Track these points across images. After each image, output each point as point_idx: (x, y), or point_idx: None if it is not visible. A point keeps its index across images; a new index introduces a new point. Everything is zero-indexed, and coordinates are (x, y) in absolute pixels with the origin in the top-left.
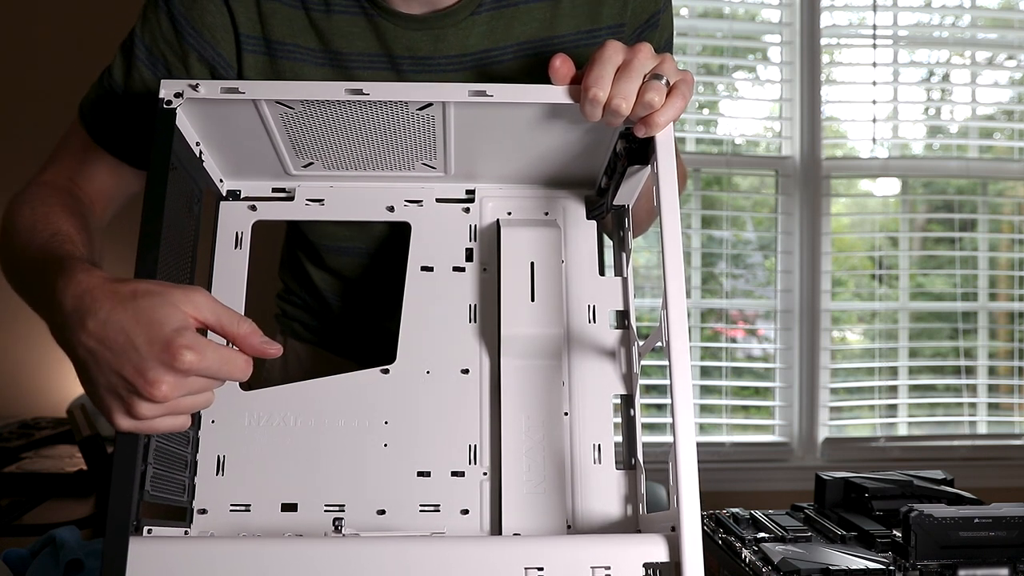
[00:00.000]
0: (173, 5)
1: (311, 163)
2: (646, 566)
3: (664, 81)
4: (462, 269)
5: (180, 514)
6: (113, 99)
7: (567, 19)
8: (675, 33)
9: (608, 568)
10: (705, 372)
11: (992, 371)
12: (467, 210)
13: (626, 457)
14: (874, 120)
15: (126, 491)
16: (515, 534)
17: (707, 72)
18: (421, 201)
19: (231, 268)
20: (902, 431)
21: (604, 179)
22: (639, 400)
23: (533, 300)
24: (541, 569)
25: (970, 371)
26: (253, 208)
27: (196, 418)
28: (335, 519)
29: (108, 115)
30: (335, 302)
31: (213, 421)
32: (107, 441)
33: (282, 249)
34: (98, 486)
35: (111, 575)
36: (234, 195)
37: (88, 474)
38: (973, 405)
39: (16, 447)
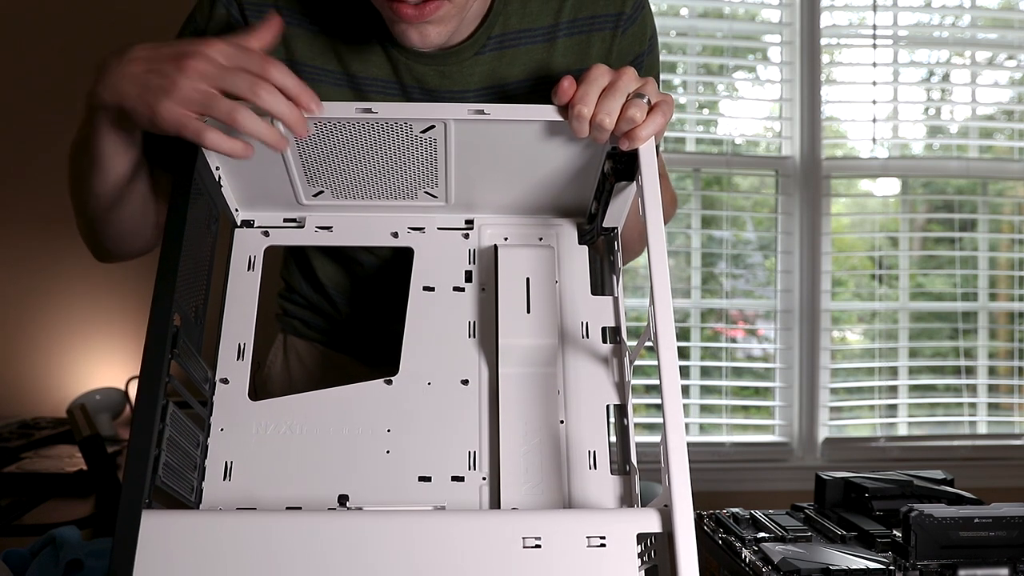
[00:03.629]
0: (208, 31)
1: (321, 192)
2: (640, 536)
3: (646, 100)
4: (462, 289)
5: None
6: None
7: (560, 59)
8: (675, 33)
9: (603, 539)
10: (705, 372)
11: (992, 371)
12: (466, 236)
13: (621, 463)
14: (874, 120)
15: (141, 467)
16: (513, 508)
17: (707, 72)
18: (423, 228)
19: (244, 288)
20: (902, 431)
21: (594, 204)
22: (631, 406)
23: (529, 312)
24: (539, 539)
25: (970, 371)
26: (266, 234)
27: (206, 425)
28: (340, 495)
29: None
30: (340, 300)
31: (222, 429)
32: (107, 441)
33: (284, 250)
34: (98, 486)
35: (123, 546)
36: (248, 224)
37: (88, 474)
38: (973, 405)
39: (16, 447)
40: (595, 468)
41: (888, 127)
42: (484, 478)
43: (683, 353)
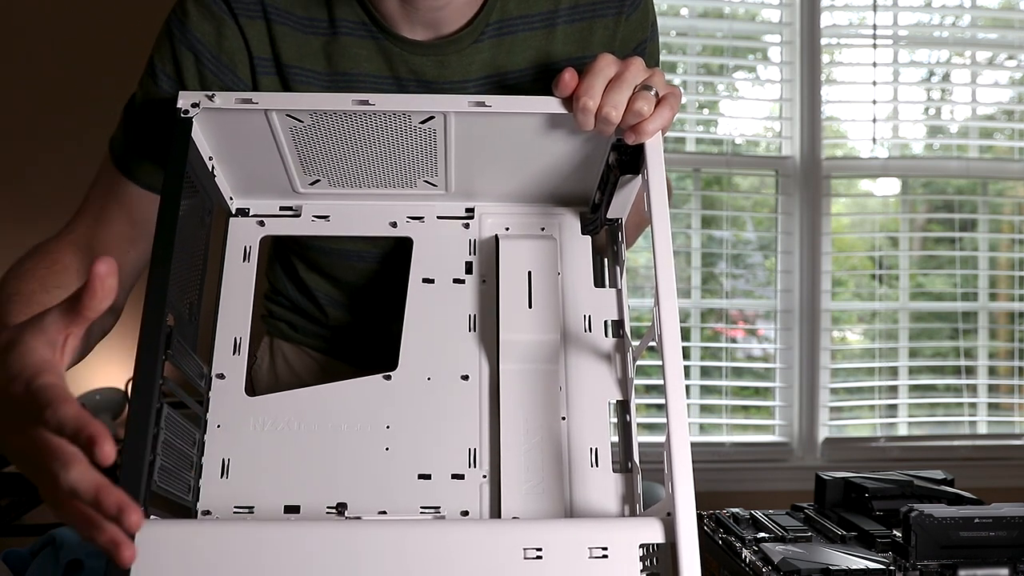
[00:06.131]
0: (190, 34)
1: (318, 180)
2: (643, 547)
3: (654, 92)
4: (462, 281)
5: (185, 515)
6: (140, 131)
7: (561, 47)
8: (675, 33)
9: (605, 549)
10: (705, 372)
11: (992, 371)
12: (467, 226)
13: (623, 460)
14: (874, 120)
15: (135, 475)
16: (514, 517)
17: (707, 72)
18: (423, 217)
19: (240, 280)
20: (902, 431)
21: (598, 194)
22: (634, 404)
23: (531, 307)
24: (539, 550)
25: (970, 371)
26: (261, 224)
27: (202, 422)
28: (339, 503)
29: (137, 148)
30: (327, 303)
31: (219, 425)
32: None
33: (270, 251)
34: None
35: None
36: (243, 212)
37: None
38: (973, 405)
39: None
40: (597, 466)
41: (888, 127)
42: (484, 476)
43: (683, 353)
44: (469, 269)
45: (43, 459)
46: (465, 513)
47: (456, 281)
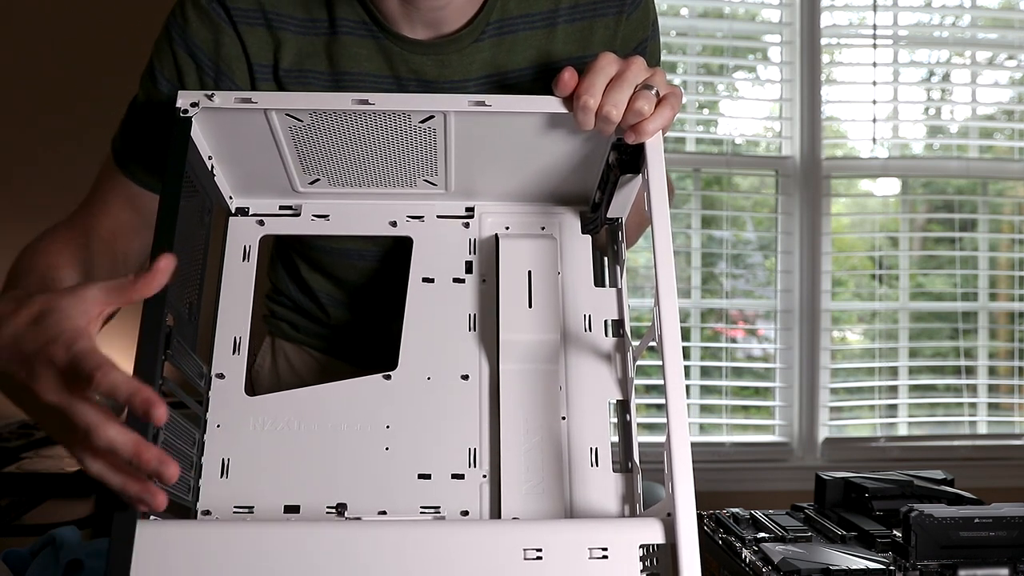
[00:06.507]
0: (190, 40)
1: (317, 179)
2: (643, 547)
3: (654, 92)
4: (462, 281)
5: (184, 515)
6: (140, 131)
7: (561, 46)
8: (675, 33)
9: (605, 550)
10: (705, 372)
11: (992, 371)
12: (467, 225)
13: (623, 460)
14: (874, 120)
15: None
16: (514, 518)
17: (707, 72)
18: (423, 217)
19: (239, 280)
20: (902, 431)
21: (598, 193)
22: (634, 404)
23: (531, 307)
24: (540, 550)
25: (970, 371)
26: (261, 223)
27: (202, 422)
28: (339, 503)
29: (136, 147)
30: (328, 303)
31: (219, 425)
32: None
33: (272, 250)
34: (98, 486)
35: (118, 557)
36: (243, 212)
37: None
38: (973, 405)
39: (16, 447)
40: (596, 465)
41: (888, 127)
42: (484, 476)
43: (683, 353)
44: (469, 268)
45: (81, 417)
46: (465, 513)
47: (456, 280)
